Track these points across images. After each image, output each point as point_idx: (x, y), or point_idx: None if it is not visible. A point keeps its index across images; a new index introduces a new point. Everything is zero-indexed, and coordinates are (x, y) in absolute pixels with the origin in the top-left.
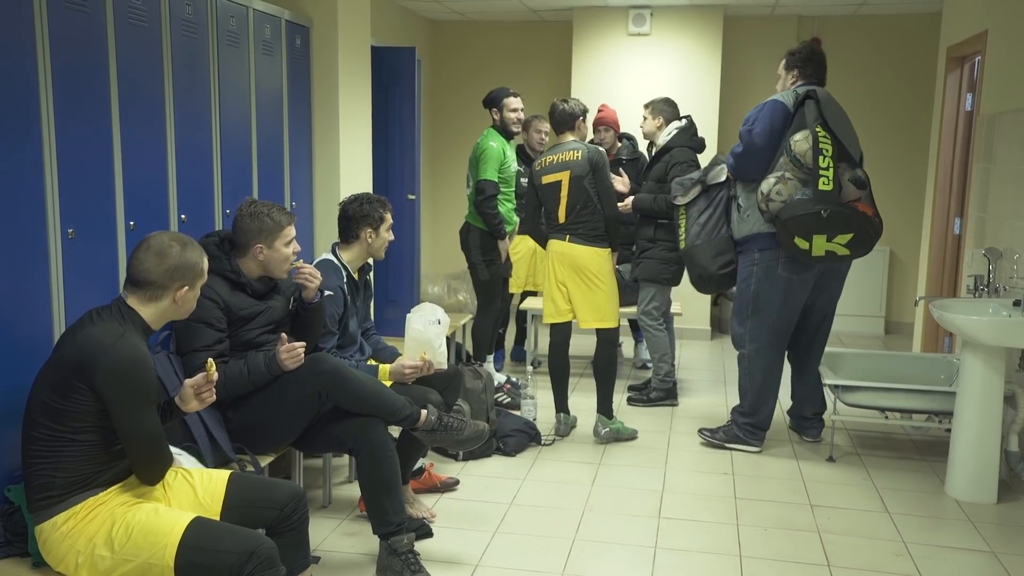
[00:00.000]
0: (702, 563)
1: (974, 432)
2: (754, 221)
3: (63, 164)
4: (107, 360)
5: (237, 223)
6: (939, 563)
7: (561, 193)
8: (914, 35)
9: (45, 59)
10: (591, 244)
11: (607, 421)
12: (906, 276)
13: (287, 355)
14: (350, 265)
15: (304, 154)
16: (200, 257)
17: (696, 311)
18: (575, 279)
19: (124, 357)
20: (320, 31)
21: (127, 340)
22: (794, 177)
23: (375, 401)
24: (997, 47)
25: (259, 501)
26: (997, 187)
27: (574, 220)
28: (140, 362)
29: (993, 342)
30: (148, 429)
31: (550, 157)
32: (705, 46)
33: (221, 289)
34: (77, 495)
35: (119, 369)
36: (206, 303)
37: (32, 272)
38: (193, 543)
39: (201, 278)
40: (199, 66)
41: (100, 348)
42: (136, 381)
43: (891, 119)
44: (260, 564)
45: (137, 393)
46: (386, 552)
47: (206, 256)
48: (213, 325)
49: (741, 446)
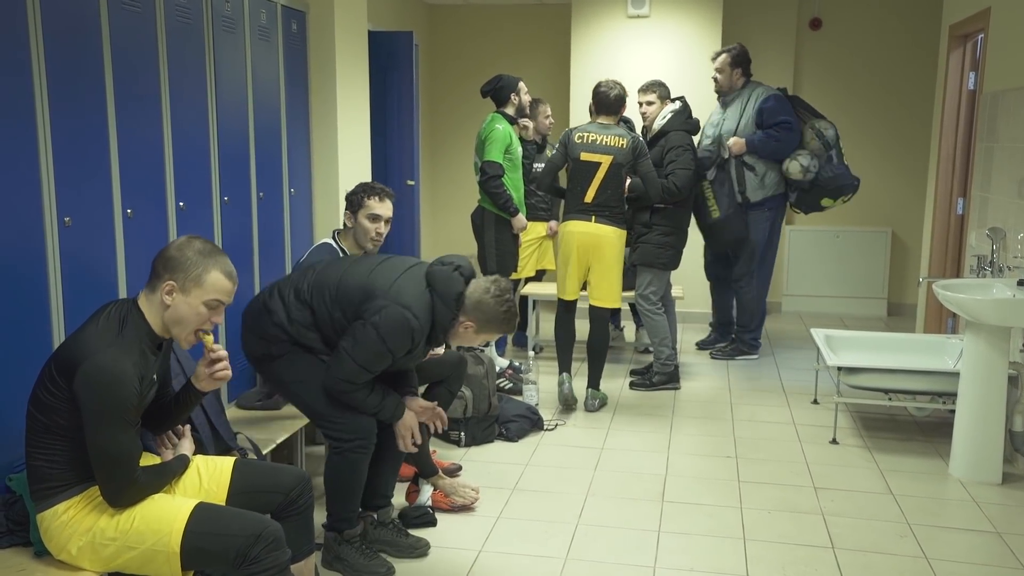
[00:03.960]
0: (706, 546)
1: (978, 413)
2: (772, 186)
3: (58, 152)
4: (86, 366)
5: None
6: (943, 544)
7: (597, 174)
8: (916, 13)
9: (38, 46)
10: (616, 225)
11: (597, 393)
12: (908, 257)
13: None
14: (349, 251)
15: (302, 140)
16: (207, 271)
17: (697, 295)
18: (599, 259)
19: (101, 368)
20: (316, 16)
21: (112, 352)
22: (820, 154)
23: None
24: (1000, 25)
25: (265, 486)
26: (1000, 166)
27: (602, 202)
28: (115, 378)
29: (997, 322)
30: (108, 447)
31: (593, 135)
32: (705, 27)
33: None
34: (78, 485)
35: (93, 379)
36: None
37: (29, 261)
38: (198, 528)
39: (197, 289)
40: (194, 52)
41: (86, 352)
42: (105, 397)
43: (893, 99)
44: (267, 547)
45: (104, 408)
46: (336, 543)
47: (222, 276)
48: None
49: (746, 356)
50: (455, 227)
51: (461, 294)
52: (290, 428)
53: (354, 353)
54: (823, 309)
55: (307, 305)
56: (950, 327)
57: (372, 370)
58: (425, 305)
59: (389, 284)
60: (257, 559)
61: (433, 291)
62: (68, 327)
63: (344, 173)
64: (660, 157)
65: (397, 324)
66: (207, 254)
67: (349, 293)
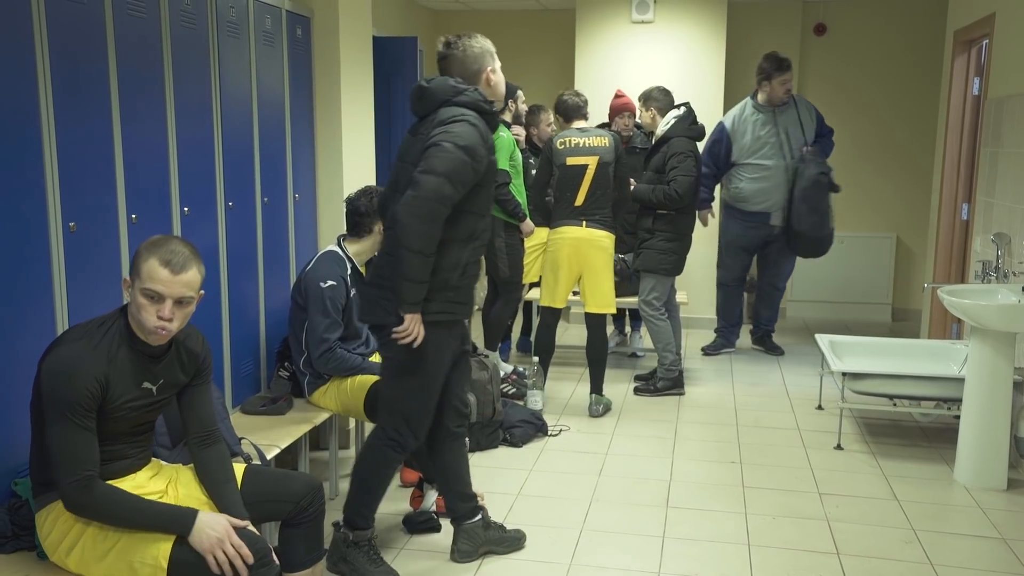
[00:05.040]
0: (710, 552)
1: (983, 418)
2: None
3: (63, 157)
4: (47, 356)
5: None
6: (949, 550)
7: (585, 177)
8: (920, 19)
9: (44, 52)
10: (606, 228)
11: (600, 398)
12: (913, 263)
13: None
14: (356, 258)
15: (306, 145)
16: (145, 260)
17: (702, 300)
18: (591, 265)
19: (56, 359)
20: (321, 21)
21: (76, 347)
22: None
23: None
24: (1005, 30)
25: (275, 494)
26: (1005, 172)
27: (592, 205)
28: (62, 372)
29: (1001, 327)
30: (52, 441)
31: (575, 139)
32: (709, 33)
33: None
34: None
35: (46, 369)
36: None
37: (34, 266)
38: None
39: (138, 279)
40: (199, 57)
41: (55, 342)
42: (54, 388)
43: (897, 104)
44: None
45: (51, 400)
46: (344, 544)
47: (156, 264)
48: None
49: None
50: None
51: (457, 82)
52: (294, 433)
53: (434, 166)
54: (827, 315)
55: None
56: (955, 332)
57: (455, 181)
58: (467, 112)
59: (432, 132)
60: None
61: (452, 103)
62: None
63: (348, 178)
64: (663, 163)
65: (463, 128)
66: (151, 244)
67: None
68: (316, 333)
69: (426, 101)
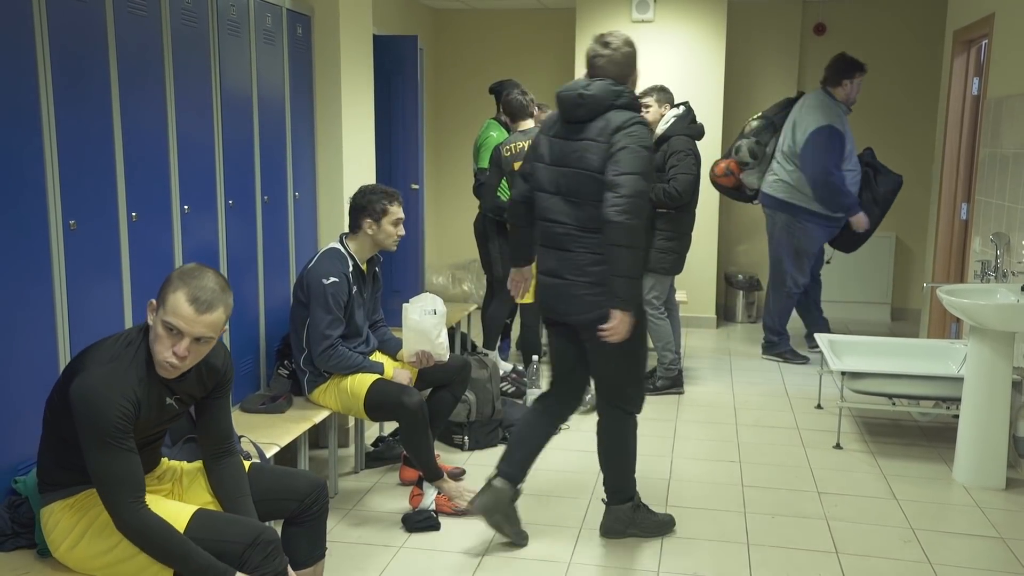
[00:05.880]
0: (710, 551)
1: (982, 418)
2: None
3: (63, 155)
4: (77, 381)
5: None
6: (947, 549)
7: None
8: (920, 19)
9: (44, 49)
10: None
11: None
12: (912, 262)
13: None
14: (356, 255)
15: (307, 144)
16: (174, 291)
17: (702, 299)
18: None
19: (86, 387)
20: (321, 20)
21: (103, 371)
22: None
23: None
24: (1004, 30)
25: (279, 492)
26: (1004, 171)
27: None
28: (93, 401)
29: (1000, 327)
30: (93, 467)
31: (520, 143)
32: (709, 32)
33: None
34: (74, 486)
35: (78, 396)
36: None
37: (33, 264)
38: (195, 535)
39: (163, 308)
40: (199, 56)
41: (84, 364)
42: (89, 416)
43: (897, 104)
44: (263, 553)
45: (87, 426)
46: (633, 510)
47: (183, 299)
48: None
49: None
50: (459, 231)
51: (613, 84)
52: (294, 432)
53: (631, 167)
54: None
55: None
56: (954, 332)
57: (647, 176)
58: (635, 114)
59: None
60: (254, 565)
61: (617, 107)
62: (73, 331)
63: (348, 177)
64: (663, 162)
65: (640, 130)
66: (184, 274)
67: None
68: (318, 330)
69: (590, 107)
